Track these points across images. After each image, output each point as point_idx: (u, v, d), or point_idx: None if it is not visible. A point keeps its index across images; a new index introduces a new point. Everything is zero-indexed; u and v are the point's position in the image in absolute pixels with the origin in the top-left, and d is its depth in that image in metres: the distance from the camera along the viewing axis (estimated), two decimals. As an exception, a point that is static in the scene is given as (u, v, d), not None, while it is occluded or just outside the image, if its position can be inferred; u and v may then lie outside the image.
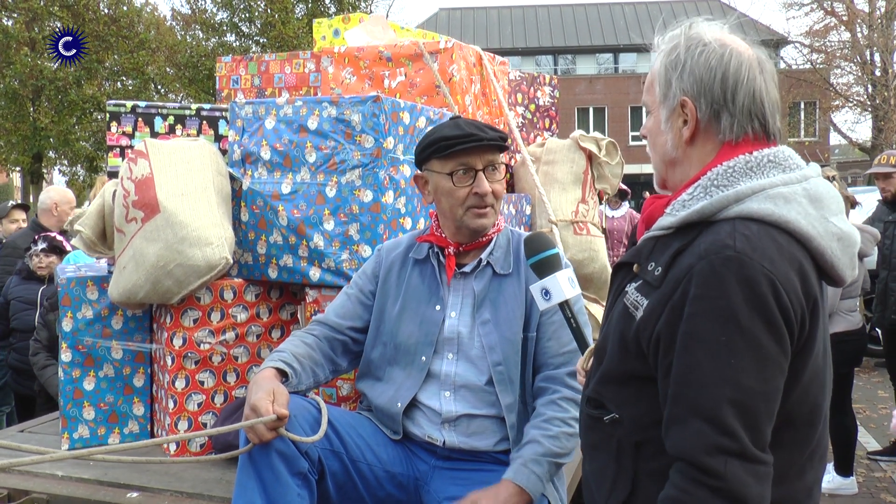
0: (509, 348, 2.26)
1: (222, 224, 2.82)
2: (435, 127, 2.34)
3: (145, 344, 3.07)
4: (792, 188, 1.43)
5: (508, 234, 2.41)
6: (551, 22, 39.92)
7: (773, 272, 1.32)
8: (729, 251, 1.34)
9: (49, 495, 2.57)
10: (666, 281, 1.42)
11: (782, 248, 1.36)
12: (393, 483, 2.27)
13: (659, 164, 1.62)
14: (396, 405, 2.29)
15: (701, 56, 1.50)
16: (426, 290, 2.35)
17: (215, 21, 25.33)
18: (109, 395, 3.03)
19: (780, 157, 1.48)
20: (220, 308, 2.89)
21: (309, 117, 2.80)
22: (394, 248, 2.47)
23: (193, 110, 3.30)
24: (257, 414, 2.00)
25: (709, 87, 1.49)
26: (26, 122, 22.20)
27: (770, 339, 1.32)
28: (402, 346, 2.32)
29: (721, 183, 1.45)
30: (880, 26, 25.92)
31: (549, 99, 4.67)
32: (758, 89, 1.49)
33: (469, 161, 2.24)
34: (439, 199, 2.31)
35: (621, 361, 1.51)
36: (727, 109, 1.49)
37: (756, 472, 1.31)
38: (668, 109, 1.55)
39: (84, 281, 3.01)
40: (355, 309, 2.43)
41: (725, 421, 1.30)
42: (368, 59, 3.50)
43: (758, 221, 1.38)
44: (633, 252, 1.58)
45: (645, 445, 1.47)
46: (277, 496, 2.02)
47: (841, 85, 27.91)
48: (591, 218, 4.11)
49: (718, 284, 1.33)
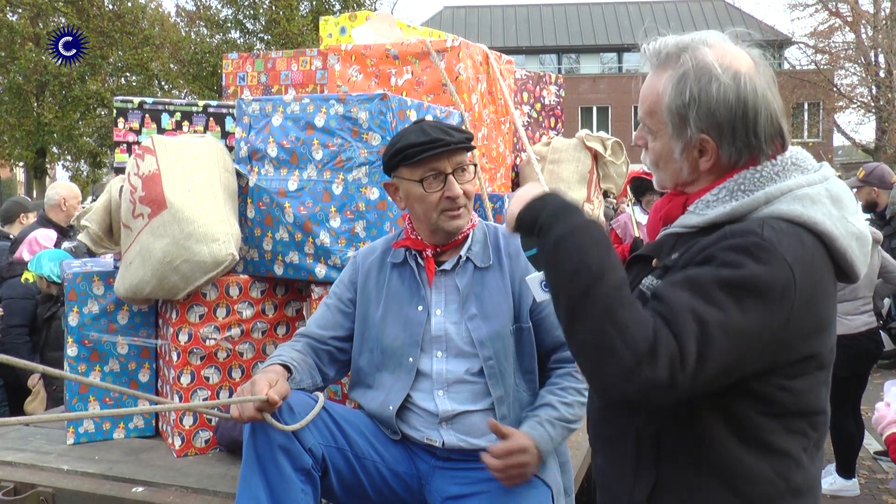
0: (499, 342, 2.27)
1: (229, 220, 2.83)
2: (400, 133, 2.31)
3: (151, 339, 3.08)
4: (816, 189, 1.44)
5: (484, 228, 2.41)
6: (555, 21, 39.86)
7: (792, 267, 1.33)
8: (755, 237, 1.35)
9: (55, 489, 2.59)
10: (682, 260, 1.44)
11: (807, 248, 1.38)
12: (397, 481, 2.27)
13: (668, 181, 1.60)
14: (388, 409, 2.29)
15: (718, 92, 1.45)
16: (407, 291, 2.34)
17: (219, 18, 25.31)
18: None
19: (799, 158, 1.50)
20: (226, 304, 2.90)
21: (316, 115, 2.81)
22: (369, 253, 2.46)
23: (200, 107, 3.31)
24: (253, 389, 2.03)
25: (730, 127, 1.46)
26: (30, 118, 22.20)
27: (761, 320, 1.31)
28: (389, 349, 2.32)
29: (747, 188, 1.46)
30: (885, 27, 25.85)
31: (554, 98, 4.67)
32: (773, 109, 1.48)
33: (438, 166, 2.23)
34: (412, 205, 2.31)
35: None
36: (749, 143, 1.47)
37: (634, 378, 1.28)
38: (682, 143, 1.51)
39: (90, 276, 3.02)
40: (336, 318, 2.42)
41: (685, 340, 1.28)
42: (375, 57, 3.50)
43: (787, 221, 1.40)
44: (652, 246, 1.58)
45: (665, 431, 1.47)
46: (281, 491, 2.03)
47: (845, 86, 27.86)
48: (596, 217, 4.12)
49: (735, 254, 1.33)
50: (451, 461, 2.28)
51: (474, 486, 2.21)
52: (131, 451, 2.92)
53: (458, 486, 2.23)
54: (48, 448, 2.95)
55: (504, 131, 3.98)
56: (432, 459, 2.30)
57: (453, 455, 2.28)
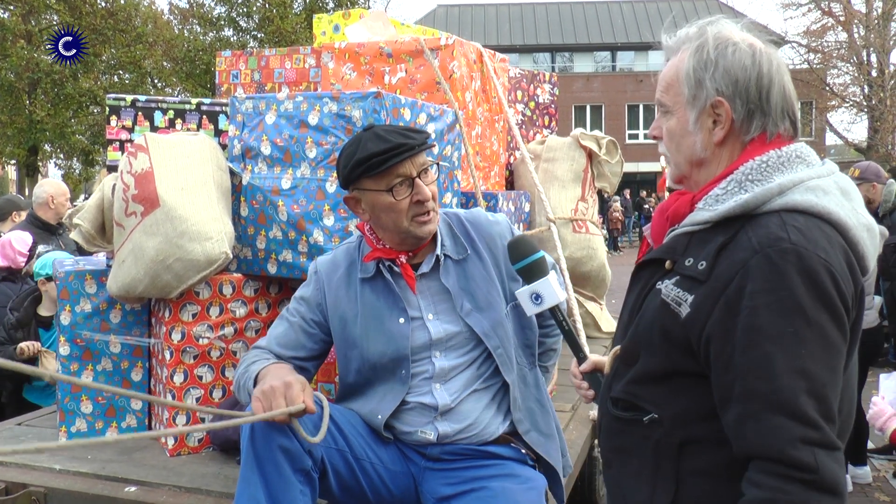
0: (501, 329, 2.26)
1: (222, 219, 2.82)
2: (353, 143, 2.20)
3: (144, 338, 3.07)
4: (825, 181, 1.45)
5: (446, 219, 2.36)
6: (549, 19, 39.91)
7: (829, 262, 1.33)
8: (785, 243, 1.34)
9: (47, 488, 2.57)
10: (714, 275, 1.40)
11: (831, 238, 1.38)
12: (394, 482, 2.27)
13: (683, 164, 1.59)
14: (377, 418, 2.26)
15: (735, 55, 1.48)
16: (384, 306, 2.27)
17: (213, 16, 25.30)
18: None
19: (804, 152, 1.49)
20: (219, 303, 2.89)
21: (310, 113, 2.80)
22: (332, 269, 2.35)
23: (193, 105, 3.30)
24: (290, 393, 1.96)
25: (744, 87, 1.48)
26: (22, 115, 22.13)
27: (834, 328, 1.33)
28: (378, 365, 2.27)
29: (756, 178, 1.45)
30: (877, 27, 25.97)
31: (548, 96, 4.67)
32: (788, 88, 1.50)
33: (404, 171, 2.16)
34: (378, 216, 2.22)
35: (664, 359, 1.47)
36: (761, 109, 1.49)
37: (839, 459, 1.30)
38: (697, 110, 1.52)
39: (82, 275, 3.01)
40: (299, 339, 2.33)
41: (807, 412, 1.28)
42: (369, 55, 3.50)
43: (803, 213, 1.39)
44: (664, 248, 1.55)
45: (689, 444, 1.44)
46: (280, 492, 2.02)
47: (837, 85, 27.99)
48: (591, 216, 4.12)
49: (780, 277, 1.32)
50: (441, 461, 2.27)
51: (466, 485, 2.20)
52: (124, 451, 2.90)
53: (450, 487, 2.22)
54: (41, 447, 2.94)
55: (498, 130, 3.97)
56: (422, 461, 2.28)
57: (444, 455, 2.27)
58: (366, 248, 2.32)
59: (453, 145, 3.18)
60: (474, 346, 2.26)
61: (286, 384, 1.99)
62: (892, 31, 26.45)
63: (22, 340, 4.23)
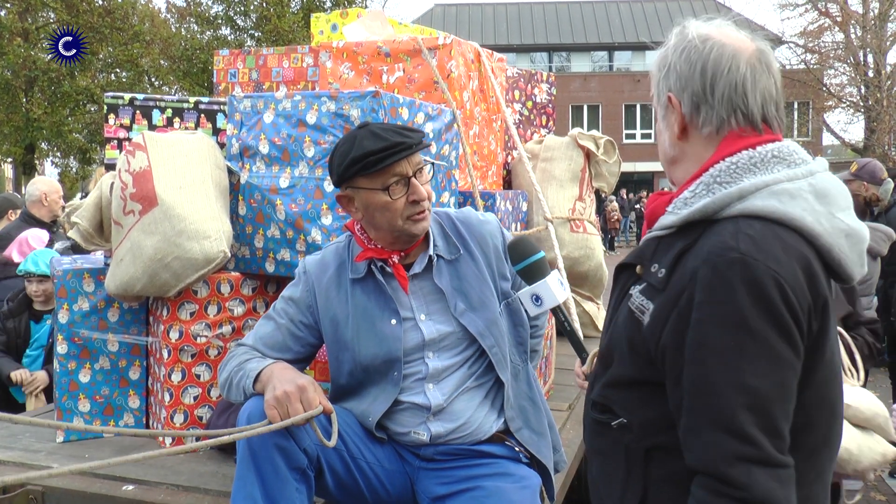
0: (495, 328, 2.25)
1: (220, 217, 2.82)
2: (348, 140, 2.17)
3: (141, 337, 3.07)
4: (797, 184, 1.38)
5: (437, 219, 2.35)
6: (546, 19, 39.92)
7: (779, 272, 1.28)
8: (733, 253, 1.30)
9: (44, 487, 2.57)
10: (670, 284, 1.39)
11: (788, 246, 1.32)
12: (391, 480, 2.27)
13: (664, 162, 1.61)
14: (368, 419, 2.26)
15: (683, 53, 1.51)
16: (375, 307, 2.25)
17: (210, 14, 25.26)
18: (105, 388, 3.03)
19: (784, 151, 1.43)
20: (217, 301, 2.89)
21: (308, 112, 2.80)
22: (321, 270, 2.31)
23: (191, 103, 3.30)
24: (306, 397, 1.97)
25: (689, 81, 1.49)
26: (19, 113, 22.09)
27: (780, 341, 1.29)
28: (371, 367, 2.26)
29: (724, 179, 1.41)
30: (873, 28, 26.00)
31: (546, 96, 4.67)
32: (741, 80, 1.45)
33: (401, 170, 2.14)
34: (371, 215, 2.19)
35: (630, 366, 1.47)
36: (706, 101, 1.47)
37: (779, 477, 1.27)
38: (661, 108, 1.57)
39: (80, 273, 3.01)
40: (286, 342, 2.30)
41: (744, 429, 1.26)
42: (367, 55, 3.50)
43: (762, 219, 1.34)
44: (635, 253, 1.55)
45: (655, 451, 1.44)
46: (275, 490, 2.03)
47: (834, 85, 28.01)
48: (588, 216, 4.13)
49: (724, 288, 1.29)
50: (434, 461, 2.27)
51: (460, 485, 2.20)
52: (122, 450, 2.90)
53: (444, 486, 2.22)
54: (38, 446, 2.93)
55: (495, 129, 3.98)
56: (416, 461, 2.28)
57: (437, 456, 2.27)
58: (356, 249, 2.29)
59: (451, 145, 3.18)
60: (467, 345, 2.26)
61: (300, 388, 1.98)
62: (888, 32, 26.49)
63: (12, 330, 4.30)
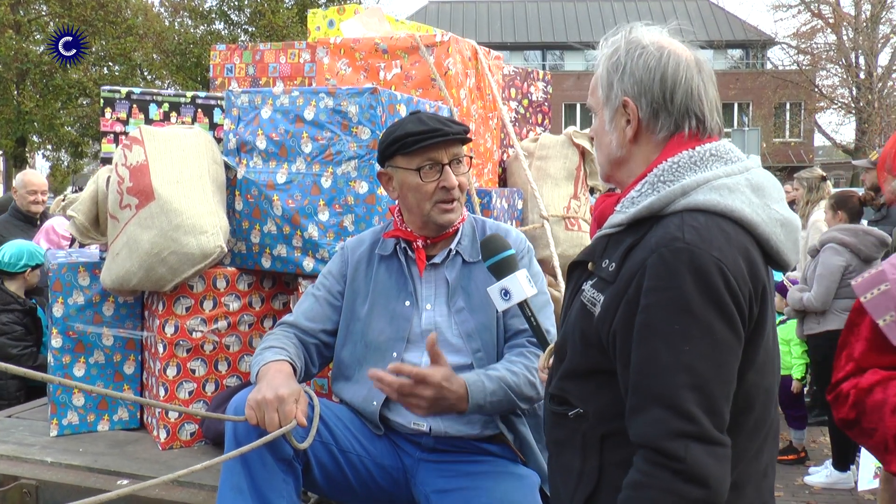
0: (486, 334, 2.29)
1: (217, 212, 2.82)
2: (396, 123, 2.33)
3: (136, 331, 3.06)
4: (735, 179, 1.49)
5: (472, 223, 2.43)
6: (540, 17, 39.91)
7: (721, 260, 1.37)
8: (679, 243, 1.39)
9: (38, 481, 2.57)
10: (620, 276, 1.47)
11: (729, 236, 1.42)
12: (382, 475, 2.28)
13: (605, 163, 1.68)
14: (372, 404, 2.29)
15: (640, 58, 1.56)
16: (394, 286, 2.35)
17: (204, 9, 25.17)
18: (99, 382, 3.02)
19: (721, 150, 1.54)
20: (213, 296, 2.89)
21: (305, 108, 2.80)
22: (358, 245, 2.46)
23: (188, 98, 3.29)
24: (283, 408, 2.00)
25: (648, 88, 1.55)
26: (10, 106, 21.95)
27: (723, 325, 1.37)
28: (373, 343, 2.32)
29: (667, 178, 1.50)
30: (865, 30, 26.14)
31: (541, 94, 4.68)
32: (695, 88, 1.55)
33: (435, 156, 2.26)
34: (405, 195, 2.32)
35: (583, 357, 1.55)
36: (665, 108, 1.55)
37: (715, 454, 1.35)
38: (611, 110, 1.61)
39: (76, 267, 3.00)
40: (325, 311, 2.40)
41: (684, 406, 1.34)
42: (364, 51, 3.50)
43: (704, 212, 1.44)
44: (587, 251, 1.64)
45: (610, 437, 1.51)
46: (262, 480, 2.06)
47: (826, 87, 28.17)
48: (583, 214, 4.14)
49: (670, 275, 1.38)
50: (437, 453, 2.29)
51: (461, 480, 2.21)
52: (116, 444, 2.90)
53: (444, 479, 2.24)
54: (31, 440, 2.92)
55: (492, 127, 3.98)
56: (417, 452, 2.30)
57: (438, 446, 2.29)
58: (390, 228, 2.42)
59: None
60: (462, 348, 2.29)
61: (279, 398, 2.01)
62: (880, 34, 26.63)
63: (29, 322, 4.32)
